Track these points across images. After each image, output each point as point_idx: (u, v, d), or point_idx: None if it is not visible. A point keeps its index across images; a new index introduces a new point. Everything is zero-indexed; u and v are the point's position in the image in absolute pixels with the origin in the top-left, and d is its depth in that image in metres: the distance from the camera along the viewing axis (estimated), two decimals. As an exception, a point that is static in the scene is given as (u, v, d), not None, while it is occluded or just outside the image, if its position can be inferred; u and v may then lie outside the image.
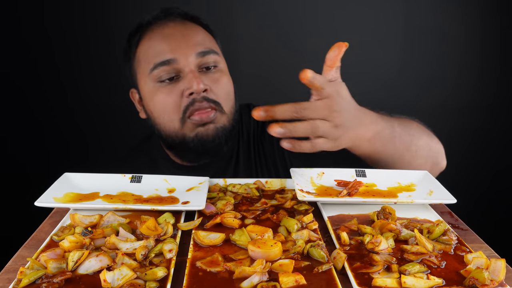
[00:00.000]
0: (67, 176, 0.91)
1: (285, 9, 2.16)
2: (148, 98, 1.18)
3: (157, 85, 1.15)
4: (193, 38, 1.17)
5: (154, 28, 1.19)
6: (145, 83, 1.17)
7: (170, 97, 1.13)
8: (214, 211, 0.82)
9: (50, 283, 0.59)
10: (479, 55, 2.27)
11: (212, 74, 1.17)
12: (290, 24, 2.18)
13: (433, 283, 0.61)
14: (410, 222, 0.79)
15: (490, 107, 2.32)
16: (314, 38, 2.19)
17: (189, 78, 1.12)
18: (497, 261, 0.63)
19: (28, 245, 0.74)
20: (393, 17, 2.20)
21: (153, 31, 1.18)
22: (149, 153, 1.32)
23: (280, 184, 0.97)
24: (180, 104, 1.13)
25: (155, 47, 1.16)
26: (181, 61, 1.13)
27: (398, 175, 0.98)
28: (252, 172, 1.26)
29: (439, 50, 2.24)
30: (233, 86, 1.22)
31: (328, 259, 0.66)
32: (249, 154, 1.28)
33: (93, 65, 2.14)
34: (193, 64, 1.14)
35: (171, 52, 1.13)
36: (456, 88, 2.29)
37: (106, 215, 0.77)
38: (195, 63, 1.14)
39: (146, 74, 1.16)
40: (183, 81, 1.13)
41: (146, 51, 1.17)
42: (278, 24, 2.16)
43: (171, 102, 1.13)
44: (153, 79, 1.15)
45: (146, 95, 1.18)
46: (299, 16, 2.17)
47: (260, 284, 0.59)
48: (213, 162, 1.24)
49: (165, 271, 0.62)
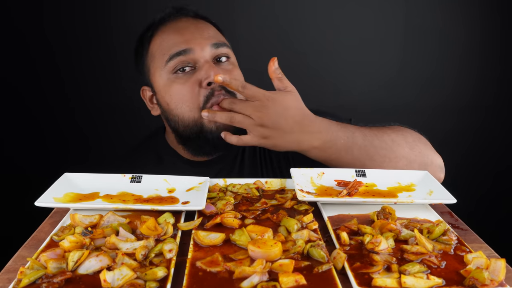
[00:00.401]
0: (67, 176, 0.92)
1: (284, 9, 2.17)
2: (164, 91, 1.18)
3: (173, 77, 1.15)
4: (206, 31, 1.20)
5: (167, 23, 1.21)
6: (160, 76, 1.18)
7: (187, 86, 1.14)
8: (214, 211, 0.82)
9: (50, 283, 0.59)
10: (479, 55, 2.27)
11: (225, 66, 1.19)
12: (289, 24, 2.18)
13: (433, 283, 0.61)
14: (410, 222, 0.79)
15: (490, 107, 2.32)
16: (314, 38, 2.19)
17: (206, 68, 1.13)
18: (497, 261, 0.63)
19: (28, 245, 0.74)
20: (393, 17, 2.20)
21: (166, 26, 1.21)
22: (154, 150, 1.31)
23: (280, 184, 0.97)
24: (199, 93, 1.13)
25: (170, 40, 1.17)
26: (197, 51, 1.15)
27: (398, 175, 0.98)
28: (257, 171, 1.27)
29: (438, 50, 2.24)
30: None
31: (328, 259, 0.66)
32: (255, 153, 1.28)
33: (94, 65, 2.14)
34: (208, 54, 1.16)
35: (186, 43, 1.15)
36: (456, 88, 2.29)
37: (106, 215, 0.77)
38: (210, 54, 1.16)
39: (161, 67, 1.17)
40: (199, 72, 1.14)
41: (161, 44, 1.18)
42: (278, 25, 2.16)
43: (188, 91, 1.13)
44: (169, 70, 1.16)
45: (162, 88, 1.18)
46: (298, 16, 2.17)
47: (260, 284, 0.59)
48: (220, 159, 1.24)
49: (165, 271, 0.62)
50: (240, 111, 1.01)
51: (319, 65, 2.22)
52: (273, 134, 1.00)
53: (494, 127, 2.35)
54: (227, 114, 1.02)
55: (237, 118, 1.01)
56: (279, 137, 1.01)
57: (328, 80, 2.25)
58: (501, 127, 2.34)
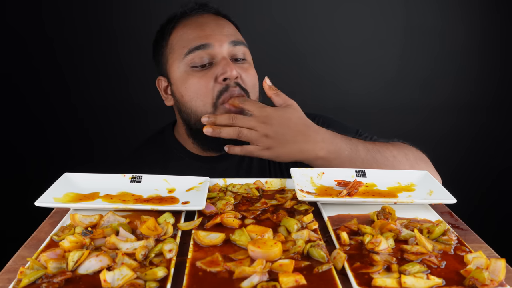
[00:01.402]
0: (67, 176, 0.92)
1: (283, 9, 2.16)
2: (180, 82, 1.20)
3: (190, 70, 1.18)
4: (226, 28, 1.22)
5: (189, 17, 1.24)
6: (177, 68, 1.20)
7: (204, 80, 1.16)
8: (214, 211, 0.82)
9: (50, 283, 0.59)
10: (479, 55, 2.27)
11: (241, 64, 1.21)
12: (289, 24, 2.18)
13: (433, 283, 0.61)
14: (410, 222, 0.79)
15: (490, 107, 2.32)
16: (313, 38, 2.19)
17: (223, 64, 1.15)
18: (497, 261, 0.63)
19: (28, 245, 0.74)
20: (393, 17, 2.20)
21: (188, 20, 1.23)
22: (162, 145, 1.32)
23: (280, 184, 0.97)
24: (213, 88, 1.15)
25: (190, 33, 1.20)
26: (215, 47, 1.17)
27: (398, 175, 0.98)
28: (266, 170, 1.28)
29: (438, 50, 2.24)
30: None
31: (328, 259, 0.66)
32: None
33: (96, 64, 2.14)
34: (226, 51, 1.18)
35: (206, 38, 1.18)
36: (456, 88, 2.29)
37: (106, 215, 0.77)
38: (228, 51, 1.19)
39: (179, 59, 1.19)
40: (216, 67, 1.16)
41: (181, 37, 1.21)
42: (277, 25, 2.16)
43: (204, 86, 1.16)
44: (187, 63, 1.18)
45: (178, 79, 1.20)
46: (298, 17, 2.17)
47: (260, 284, 0.59)
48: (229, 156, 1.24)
49: (165, 271, 0.62)
50: (243, 125, 1.05)
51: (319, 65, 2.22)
52: (277, 144, 1.04)
53: (494, 127, 2.35)
54: (233, 129, 1.05)
55: (244, 132, 1.05)
56: (282, 147, 1.05)
57: (328, 81, 2.25)
58: (501, 127, 2.34)
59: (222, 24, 1.23)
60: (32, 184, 1.54)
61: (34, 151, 2.20)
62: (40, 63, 2.11)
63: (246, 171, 1.27)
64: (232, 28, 1.25)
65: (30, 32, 2.07)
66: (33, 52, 2.09)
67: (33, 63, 2.11)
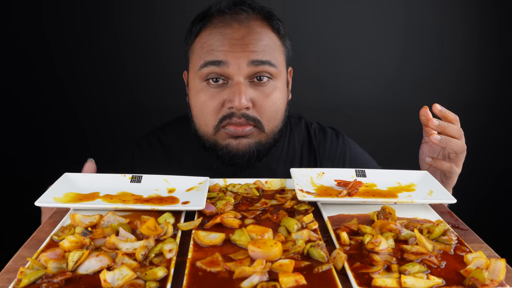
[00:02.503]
0: (67, 176, 0.92)
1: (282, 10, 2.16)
2: (192, 94, 1.14)
3: (203, 85, 1.10)
4: (252, 44, 1.08)
5: (218, 23, 1.11)
6: (193, 77, 1.14)
7: (212, 102, 1.09)
8: (214, 211, 0.82)
9: (50, 283, 0.59)
10: (479, 55, 2.27)
11: (262, 87, 1.10)
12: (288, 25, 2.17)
13: (433, 283, 0.61)
14: (410, 222, 0.79)
15: (491, 108, 2.32)
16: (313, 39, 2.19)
17: (234, 89, 1.06)
18: (497, 261, 0.63)
19: (28, 245, 0.74)
20: (393, 17, 2.20)
21: (215, 26, 1.10)
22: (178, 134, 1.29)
23: (280, 184, 0.97)
24: (219, 112, 1.09)
25: (210, 44, 1.09)
26: (232, 66, 1.07)
27: (398, 175, 0.98)
28: None
29: (438, 50, 2.24)
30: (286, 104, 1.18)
31: (328, 259, 0.66)
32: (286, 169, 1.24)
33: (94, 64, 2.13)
34: (244, 72, 1.07)
35: (224, 54, 1.07)
36: (456, 89, 2.29)
37: (106, 215, 0.77)
38: (246, 72, 1.07)
39: (195, 69, 1.12)
40: (228, 90, 1.08)
41: (202, 46, 1.11)
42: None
43: (211, 107, 1.09)
44: (201, 76, 1.10)
45: (192, 90, 1.14)
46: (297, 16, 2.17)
47: (260, 284, 0.59)
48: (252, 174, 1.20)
49: (165, 271, 0.62)
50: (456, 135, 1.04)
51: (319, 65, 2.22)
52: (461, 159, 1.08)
53: (495, 127, 2.35)
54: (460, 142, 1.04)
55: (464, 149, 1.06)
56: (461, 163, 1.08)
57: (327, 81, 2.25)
58: (501, 127, 2.34)
59: (249, 38, 1.08)
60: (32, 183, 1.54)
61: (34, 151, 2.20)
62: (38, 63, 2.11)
63: None
64: (264, 42, 1.10)
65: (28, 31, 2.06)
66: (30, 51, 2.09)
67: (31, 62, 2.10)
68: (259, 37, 1.10)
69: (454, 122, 1.05)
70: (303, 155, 1.27)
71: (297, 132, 1.30)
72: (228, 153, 1.11)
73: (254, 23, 1.11)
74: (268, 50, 1.10)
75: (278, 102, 1.12)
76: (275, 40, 1.13)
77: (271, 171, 1.22)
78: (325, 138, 1.30)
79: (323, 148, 1.28)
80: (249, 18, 1.12)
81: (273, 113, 1.12)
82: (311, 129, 1.31)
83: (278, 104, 1.12)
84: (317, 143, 1.28)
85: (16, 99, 2.13)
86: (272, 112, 1.11)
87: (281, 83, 1.14)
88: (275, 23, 1.14)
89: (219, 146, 1.12)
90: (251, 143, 1.11)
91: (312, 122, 1.33)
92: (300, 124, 1.32)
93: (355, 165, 1.28)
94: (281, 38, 1.15)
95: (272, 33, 1.13)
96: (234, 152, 1.11)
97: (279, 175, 1.20)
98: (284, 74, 1.16)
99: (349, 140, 1.33)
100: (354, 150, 1.32)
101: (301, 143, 1.29)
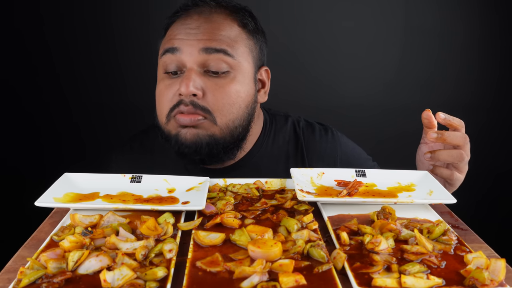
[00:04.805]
0: (67, 176, 0.92)
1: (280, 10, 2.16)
2: (157, 83, 1.14)
3: (163, 76, 1.11)
4: (207, 33, 1.07)
5: (182, 16, 1.11)
6: (158, 68, 1.14)
7: (168, 91, 1.08)
8: (214, 211, 0.82)
9: (50, 283, 0.59)
10: (479, 55, 2.27)
11: (218, 78, 1.07)
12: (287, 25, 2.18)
13: (433, 283, 0.61)
14: (410, 222, 0.79)
15: (491, 108, 2.32)
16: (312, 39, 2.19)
17: (183, 76, 1.05)
18: (497, 261, 0.63)
19: (28, 245, 0.74)
20: (393, 18, 2.20)
21: (180, 18, 1.11)
22: None
23: (280, 184, 0.97)
24: (171, 101, 1.08)
25: (170, 35, 1.10)
26: (185, 53, 1.06)
27: (398, 175, 0.98)
28: None
29: (438, 50, 2.24)
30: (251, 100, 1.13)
31: (328, 259, 0.66)
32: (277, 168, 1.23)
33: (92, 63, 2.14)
34: (196, 60, 1.05)
35: (179, 42, 1.06)
36: (456, 89, 2.29)
37: (106, 215, 0.77)
38: (199, 59, 1.05)
39: (159, 58, 1.12)
40: (180, 78, 1.07)
41: (165, 38, 1.12)
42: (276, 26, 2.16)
43: (165, 97, 1.09)
44: (162, 66, 1.10)
45: (157, 79, 1.14)
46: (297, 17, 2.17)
47: (260, 284, 0.59)
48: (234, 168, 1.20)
49: (165, 271, 0.62)
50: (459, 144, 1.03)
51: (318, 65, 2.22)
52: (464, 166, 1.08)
53: (494, 128, 2.35)
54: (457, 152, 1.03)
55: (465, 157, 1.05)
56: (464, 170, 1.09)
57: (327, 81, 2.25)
58: (501, 128, 2.34)
59: (206, 27, 1.07)
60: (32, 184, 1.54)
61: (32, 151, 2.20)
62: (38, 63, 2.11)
63: None
64: (223, 32, 1.07)
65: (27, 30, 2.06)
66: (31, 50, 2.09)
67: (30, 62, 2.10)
68: (216, 26, 1.08)
69: (460, 129, 1.04)
70: (289, 152, 1.25)
71: (282, 130, 1.28)
72: (176, 142, 1.08)
73: (217, 15, 1.10)
74: (225, 40, 1.07)
75: (234, 95, 1.08)
76: (239, 32, 1.11)
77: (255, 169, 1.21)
78: (313, 134, 1.28)
79: (312, 145, 1.26)
80: (212, 11, 1.11)
81: (227, 105, 1.07)
82: (298, 127, 1.28)
83: (234, 97, 1.08)
84: (305, 139, 1.27)
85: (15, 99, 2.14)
86: (225, 104, 1.07)
87: (241, 76, 1.09)
88: (243, 18, 1.12)
89: (170, 137, 1.10)
90: (201, 134, 1.07)
91: (299, 120, 1.31)
92: (286, 122, 1.29)
93: (346, 160, 1.27)
94: (248, 33, 1.12)
95: (237, 26, 1.11)
96: (182, 141, 1.08)
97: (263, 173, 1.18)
98: (248, 68, 1.12)
99: (338, 134, 1.31)
100: (345, 144, 1.30)
101: (287, 141, 1.26)
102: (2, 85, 2.12)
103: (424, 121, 1.05)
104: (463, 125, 1.04)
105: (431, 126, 1.06)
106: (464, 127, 1.05)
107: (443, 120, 1.03)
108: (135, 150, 1.28)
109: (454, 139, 1.02)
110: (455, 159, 1.03)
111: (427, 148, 1.13)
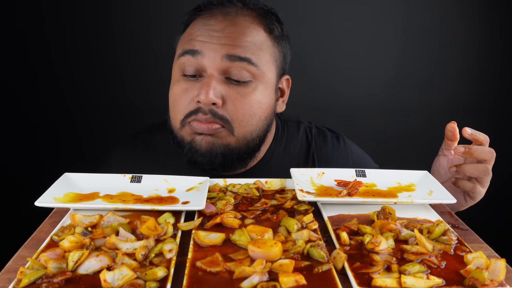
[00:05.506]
0: (67, 176, 0.92)
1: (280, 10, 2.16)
2: (171, 85, 1.08)
3: (180, 77, 1.04)
4: (232, 38, 1.00)
5: (205, 15, 1.05)
6: (173, 67, 1.08)
7: (185, 96, 1.02)
8: (214, 211, 0.82)
9: (50, 283, 0.59)
10: (479, 55, 2.27)
11: (239, 87, 1.02)
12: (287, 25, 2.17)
13: (433, 283, 0.61)
14: (410, 222, 0.79)
15: (491, 109, 2.32)
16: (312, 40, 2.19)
17: (203, 82, 0.99)
18: (497, 261, 0.63)
19: (28, 245, 0.74)
20: (393, 18, 2.20)
21: (202, 18, 1.05)
22: None
23: (280, 184, 0.97)
24: (188, 106, 1.03)
25: (191, 35, 1.03)
26: (206, 57, 1.00)
27: (398, 175, 0.98)
28: None
29: (438, 50, 2.24)
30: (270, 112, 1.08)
31: (328, 259, 0.66)
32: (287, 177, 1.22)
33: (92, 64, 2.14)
34: (218, 66, 1.00)
35: (201, 44, 1.00)
36: (457, 89, 2.29)
37: (106, 215, 0.77)
38: (221, 66, 1.00)
39: (176, 58, 1.06)
40: (199, 84, 1.01)
41: (185, 36, 1.06)
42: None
43: (182, 101, 1.03)
44: (179, 66, 1.04)
45: (172, 80, 1.08)
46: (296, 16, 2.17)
47: (260, 284, 0.59)
48: None
49: (165, 271, 0.62)
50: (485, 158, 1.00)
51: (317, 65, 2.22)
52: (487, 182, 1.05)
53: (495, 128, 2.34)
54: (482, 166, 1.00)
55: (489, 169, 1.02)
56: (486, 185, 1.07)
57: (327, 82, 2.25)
58: (502, 128, 2.34)
59: (231, 31, 1.01)
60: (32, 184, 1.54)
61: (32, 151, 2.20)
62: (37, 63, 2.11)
63: None
64: (248, 38, 1.01)
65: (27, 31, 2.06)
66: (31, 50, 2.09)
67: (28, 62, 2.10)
68: (242, 31, 1.02)
69: (484, 144, 1.01)
70: (300, 161, 1.22)
71: (294, 138, 1.25)
72: (190, 149, 1.04)
73: (243, 18, 1.04)
74: (250, 47, 1.01)
75: (256, 106, 1.03)
76: (264, 39, 1.05)
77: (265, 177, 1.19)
78: (325, 142, 1.25)
79: (324, 154, 1.24)
80: (238, 12, 1.04)
81: (247, 116, 1.03)
82: (310, 134, 1.25)
83: (255, 108, 1.03)
84: (316, 147, 1.24)
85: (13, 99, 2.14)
86: (245, 115, 1.02)
87: (264, 86, 1.05)
88: (270, 23, 1.06)
89: (184, 143, 1.05)
90: (217, 144, 1.03)
91: (311, 127, 1.27)
92: (298, 130, 1.26)
93: None
94: (274, 39, 1.07)
95: (263, 32, 1.05)
96: (197, 148, 1.03)
97: None
98: (271, 78, 1.07)
99: (349, 143, 1.29)
100: (355, 154, 1.28)
101: (298, 149, 1.24)
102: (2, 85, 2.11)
103: (448, 133, 1.03)
104: (488, 140, 1.02)
105: (454, 139, 1.04)
106: (488, 142, 1.02)
107: (470, 136, 1.00)
108: (138, 148, 1.24)
109: (481, 154, 0.99)
110: (480, 173, 1.01)
111: (446, 161, 1.10)
